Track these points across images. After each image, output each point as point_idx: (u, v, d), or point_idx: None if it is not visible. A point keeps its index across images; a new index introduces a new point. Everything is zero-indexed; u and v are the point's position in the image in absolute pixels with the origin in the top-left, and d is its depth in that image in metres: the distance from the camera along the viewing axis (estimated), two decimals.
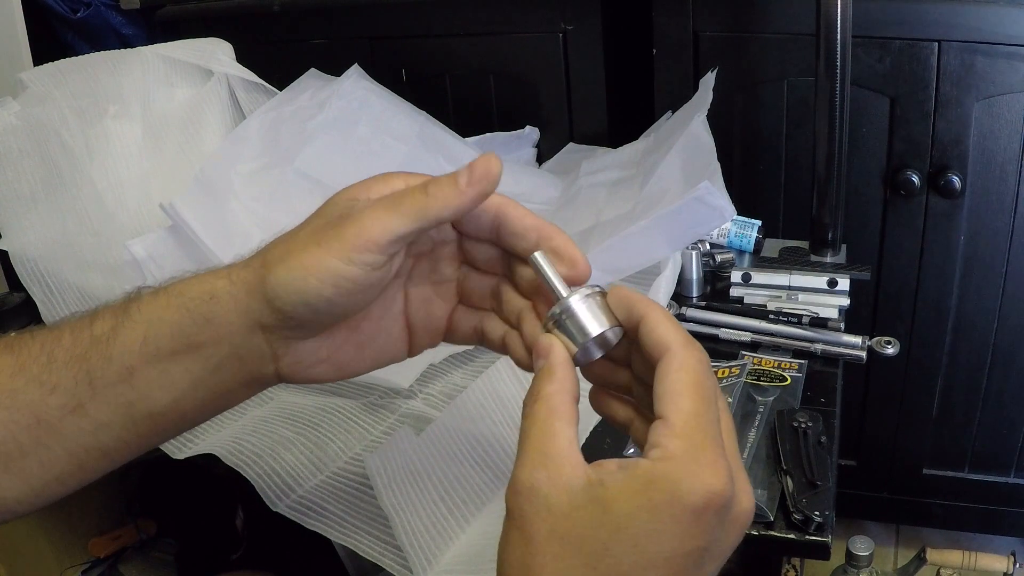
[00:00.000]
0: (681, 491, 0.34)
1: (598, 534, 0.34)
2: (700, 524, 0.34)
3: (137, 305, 0.45)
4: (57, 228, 0.89)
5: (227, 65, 1.02)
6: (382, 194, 0.43)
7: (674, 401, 0.36)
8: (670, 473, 0.34)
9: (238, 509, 1.14)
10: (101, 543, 1.10)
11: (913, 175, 1.11)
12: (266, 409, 0.75)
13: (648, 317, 0.39)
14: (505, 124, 1.22)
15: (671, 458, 0.35)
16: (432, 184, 0.41)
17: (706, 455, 0.35)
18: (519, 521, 0.36)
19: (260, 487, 0.63)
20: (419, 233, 0.42)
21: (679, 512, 0.34)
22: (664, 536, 0.34)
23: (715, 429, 0.36)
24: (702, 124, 0.85)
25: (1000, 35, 1.01)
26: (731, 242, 0.93)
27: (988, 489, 1.30)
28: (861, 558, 1.13)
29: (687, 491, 0.34)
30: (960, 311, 1.19)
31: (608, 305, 0.41)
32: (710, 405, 0.37)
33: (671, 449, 0.35)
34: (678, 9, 1.14)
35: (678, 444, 0.35)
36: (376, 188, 0.44)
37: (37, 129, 0.92)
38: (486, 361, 0.76)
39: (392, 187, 0.44)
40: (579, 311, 0.40)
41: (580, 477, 0.36)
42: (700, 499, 0.34)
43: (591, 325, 0.40)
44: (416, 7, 1.25)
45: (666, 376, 0.37)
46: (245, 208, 0.93)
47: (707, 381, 0.37)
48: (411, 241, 0.43)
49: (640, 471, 0.35)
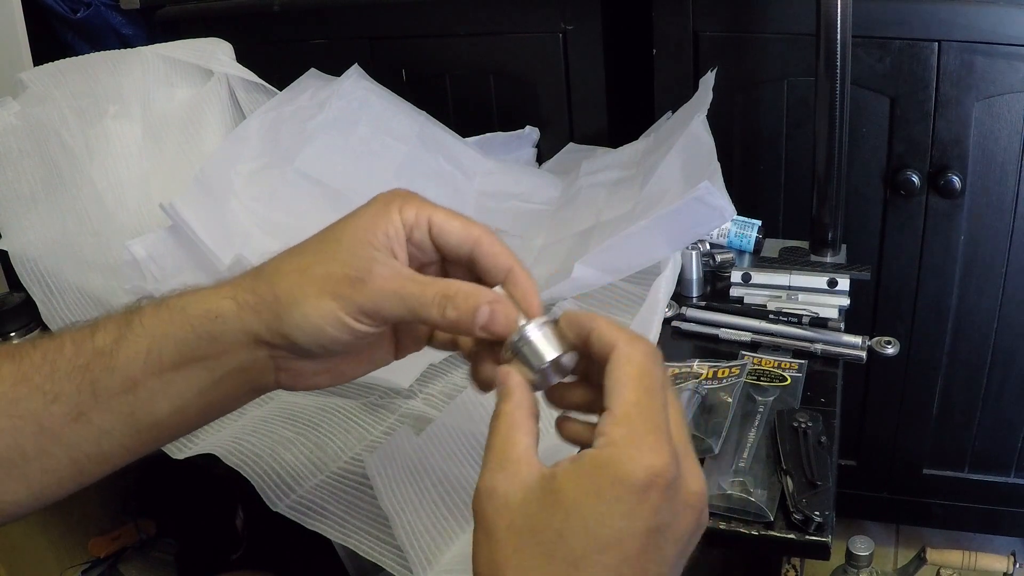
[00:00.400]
0: (623, 472, 0.36)
1: (551, 522, 0.36)
2: (646, 503, 0.36)
3: (139, 318, 0.46)
4: (57, 228, 0.89)
5: (227, 65, 1.02)
6: (398, 232, 0.45)
7: (618, 392, 0.38)
8: (612, 456, 0.36)
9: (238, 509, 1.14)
10: (101, 543, 1.10)
11: (913, 175, 1.11)
12: (266, 409, 0.75)
13: (595, 327, 0.41)
14: (505, 124, 1.22)
15: (613, 443, 0.37)
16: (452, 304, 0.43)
17: (647, 439, 0.37)
18: (482, 522, 0.38)
19: (260, 487, 0.63)
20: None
21: (623, 492, 0.36)
22: (612, 517, 0.35)
23: (659, 417, 0.38)
24: (702, 124, 0.85)
25: (1000, 35, 1.01)
26: (731, 242, 0.93)
27: (988, 489, 1.30)
28: (861, 558, 1.13)
29: (629, 471, 0.36)
30: (960, 311, 1.19)
31: (561, 332, 0.43)
32: (654, 395, 0.39)
33: (614, 436, 0.37)
34: (678, 9, 1.13)
35: (620, 431, 0.37)
36: (413, 216, 0.46)
37: (37, 129, 0.92)
38: None
39: (427, 214, 0.46)
40: (534, 339, 0.42)
41: (535, 474, 0.38)
42: (642, 478, 0.35)
43: (546, 352, 0.42)
44: (416, 7, 1.25)
45: (611, 371, 0.39)
46: (245, 208, 0.93)
47: (652, 372, 0.39)
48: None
49: (586, 459, 0.37)
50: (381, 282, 0.44)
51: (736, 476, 0.59)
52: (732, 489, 0.58)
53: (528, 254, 0.95)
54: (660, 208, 0.74)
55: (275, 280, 0.45)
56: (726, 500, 0.58)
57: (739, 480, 0.59)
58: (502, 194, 1.04)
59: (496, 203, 1.03)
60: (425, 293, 0.44)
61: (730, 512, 0.58)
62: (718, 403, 0.66)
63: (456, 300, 0.43)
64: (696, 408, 0.65)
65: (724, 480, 0.59)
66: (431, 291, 0.44)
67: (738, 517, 0.57)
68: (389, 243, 0.45)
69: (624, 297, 0.80)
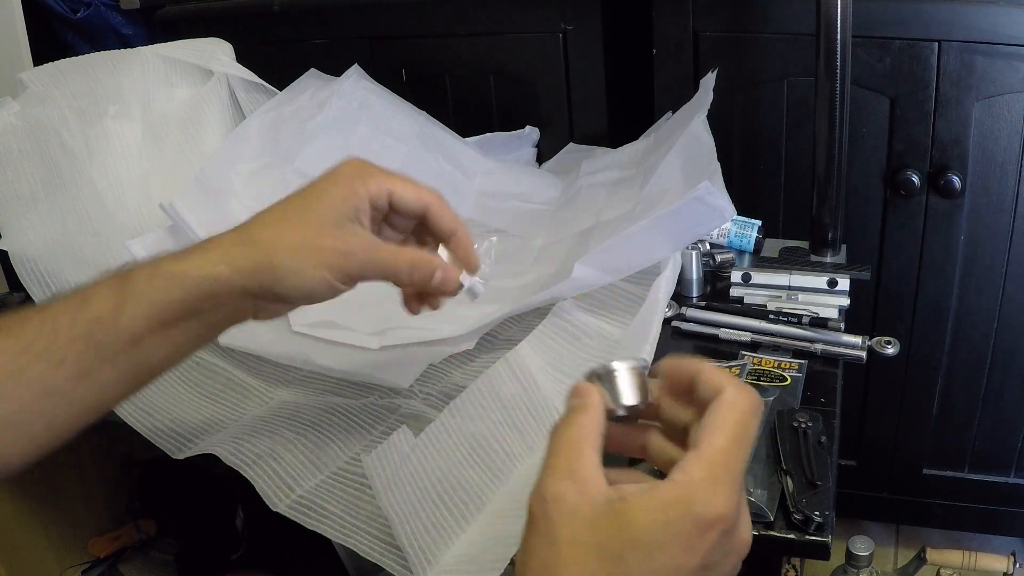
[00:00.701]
0: (696, 512, 0.37)
1: (616, 542, 0.37)
2: (705, 541, 0.37)
3: (135, 285, 0.52)
4: (57, 228, 0.89)
5: (227, 65, 1.02)
6: (365, 205, 0.55)
7: (712, 434, 0.39)
8: (690, 495, 0.37)
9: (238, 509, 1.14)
10: (101, 543, 1.10)
11: (913, 175, 1.11)
12: (266, 409, 0.75)
13: (703, 370, 0.42)
14: (505, 124, 1.22)
15: (693, 483, 0.38)
16: (417, 269, 0.56)
17: (724, 487, 0.38)
18: (544, 526, 0.38)
19: (260, 487, 0.63)
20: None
21: (690, 527, 0.37)
22: (674, 549, 0.37)
23: (740, 468, 0.39)
24: (702, 124, 0.85)
25: (1000, 35, 1.01)
26: (731, 242, 0.94)
27: (988, 489, 1.30)
28: (861, 558, 1.13)
29: (700, 512, 0.37)
30: (960, 311, 1.19)
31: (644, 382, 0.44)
32: (743, 446, 0.39)
33: (694, 475, 0.38)
34: (678, 9, 1.13)
35: (703, 472, 0.38)
36: (376, 188, 0.56)
37: (37, 129, 0.92)
38: (486, 361, 0.76)
39: (387, 187, 0.56)
40: (622, 378, 0.43)
41: (603, 493, 0.39)
42: (709, 519, 0.37)
43: (629, 395, 0.43)
44: (416, 7, 1.25)
45: (713, 412, 0.40)
46: (245, 208, 0.93)
47: (750, 424, 0.40)
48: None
49: (660, 491, 0.38)
50: (363, 253, 0.54)
51: None
52: None
53: (528, 254, 0.95)
54: (660, 208, 0.74)
55: (270, 250, 0.53)
56: None
57: None
58: (502, 194, 1.04)
59: (496, 203, 1.03)
60: (397, 261, 0.56)
61: None
62: None
63: (420, 266, 0.56)
64: None
65: None
66: (402, 259, 0.56)
67: None
68: (359, 215, 0.55)
69: (624, 297, 0.80)
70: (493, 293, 0.91)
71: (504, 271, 0.93)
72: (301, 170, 0.95)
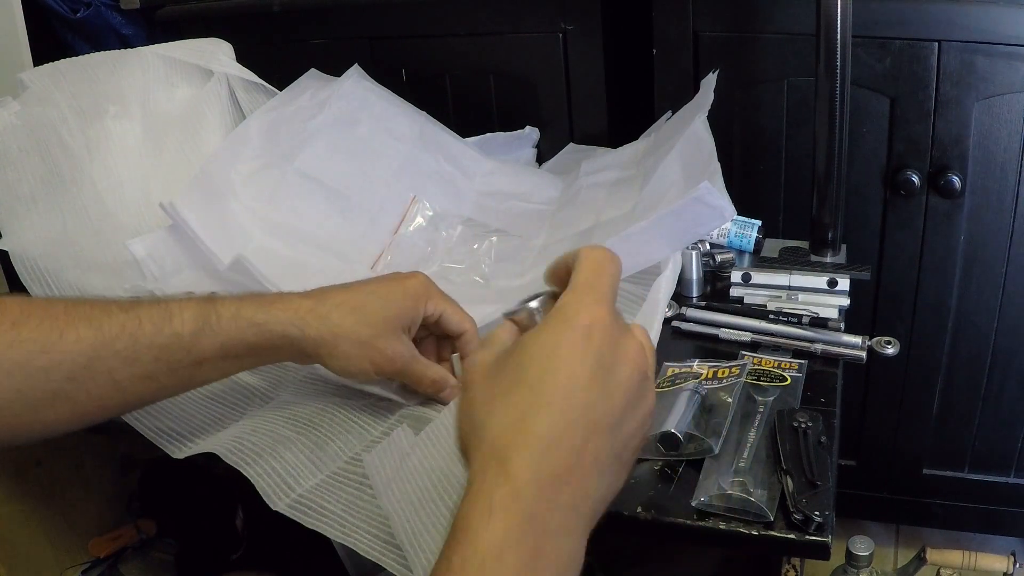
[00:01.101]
0: (569, 315, 0.43)
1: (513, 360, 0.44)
2: (590, 343, 0.43)
3: (217, 319, 0.61)
4: (57, 228, 0.89)
5: (227, 65, 1.02)
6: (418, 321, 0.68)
7: (575, 273, 0.45)
8: (561, 308, 0.44)
9: (238, 509, 1.14)
10: (101, 543, 1.10)
11: (913, 175, 1.11)
12: (266, 409, 0.75)
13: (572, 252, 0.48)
14: (505, 124, 1.22)
15: (565, 303, 0.44)
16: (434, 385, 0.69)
17: (590, 297, 0.44)
18: (463, 388, 0.46)
19: (260, 485, 0.63)
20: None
21: (568, 330, 0.43)
22: (560, 347, 0.43)
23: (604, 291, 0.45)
24: (703, 124, 0.85)
25: (1000, 35, 1.01)
26: (731, 242, 0.93)
27: (988, 489, 1.30)
28: (861, 558, 1.13)
29: (573, 314, 0.43)
30: (960, 311, 1.19)
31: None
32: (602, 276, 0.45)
33: (566, 299, 0.44)
34: (678, 9, 1.13)
35: (571, 296, 0.44)
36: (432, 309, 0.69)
37: (37, 129, 0.92)
38: None
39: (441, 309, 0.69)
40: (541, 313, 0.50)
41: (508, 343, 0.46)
42: (584, 321, 0.43)
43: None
44: (416, 7, 1.25)
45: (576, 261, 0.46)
46: (245, 208, 0.93)
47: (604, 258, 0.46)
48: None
49: (542, 324, 0.45)
50: (401, 363, 0.66)
51: (736, 476, 0.59)
52: (732, 489, 0.58)
53: (528, 254, 0.95)
54: (660, 208, 0.74)
55: (339, 332, 0.63)
56: (726, 500, 0.58)
57: (739, 480, 0.59)
58: (502, 194, 1.04)
59: (496, 203, 1.03)
60: (424, 377, 0.68)
61: (730, 512, 0.58)
62: (718, 403, 0.66)
63: (438, 383, 0.69)
64: (696, 408, 0.65)
65: (724, 480, 0.59)
66: (427, 377, 0.68)
67: (738, 517, 0.57)
68: (411, 327, 0.67)
69: (624, 297, 0.80)
70: (493, 293, 0.91)
71: (504, 271, 0.93)
72: (301, 170, 0.95)
